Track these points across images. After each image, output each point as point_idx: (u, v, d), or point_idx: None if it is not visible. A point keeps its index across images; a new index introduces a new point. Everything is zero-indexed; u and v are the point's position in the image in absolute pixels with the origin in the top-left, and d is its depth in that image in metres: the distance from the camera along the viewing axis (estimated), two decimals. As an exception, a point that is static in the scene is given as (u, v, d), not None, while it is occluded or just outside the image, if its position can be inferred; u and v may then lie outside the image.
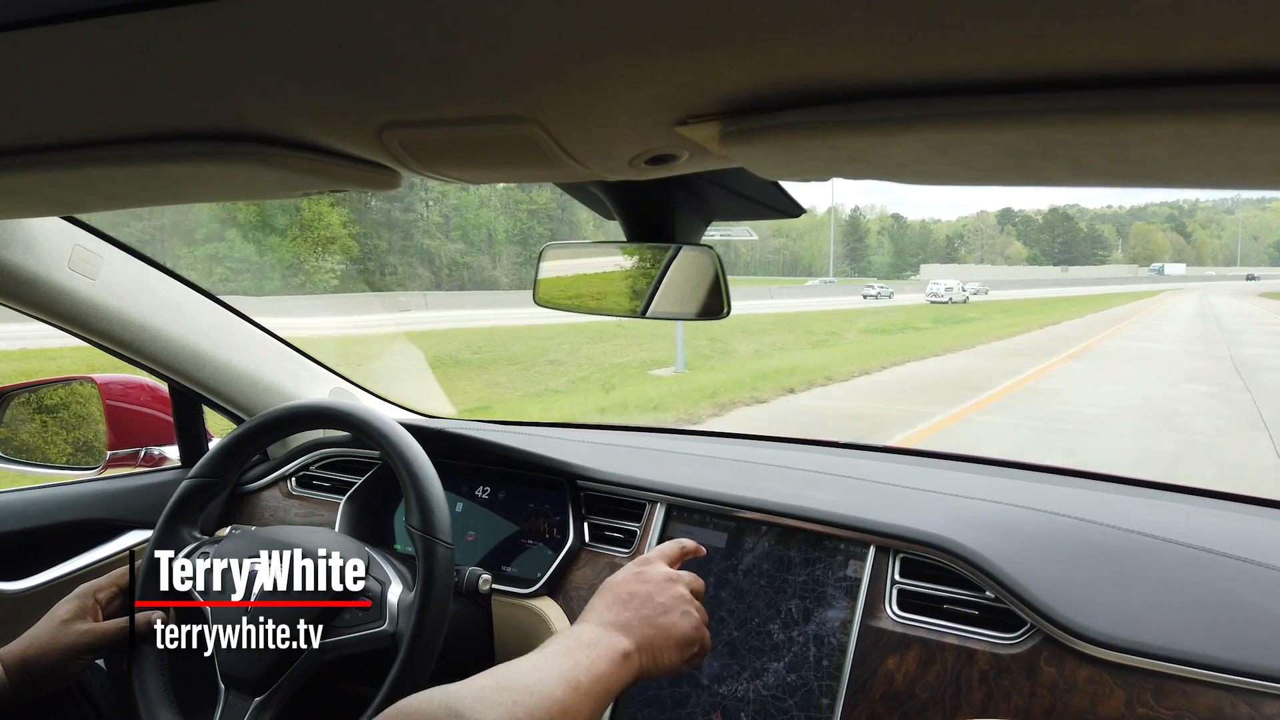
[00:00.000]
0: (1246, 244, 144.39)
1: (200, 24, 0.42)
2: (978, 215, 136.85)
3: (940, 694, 1.04)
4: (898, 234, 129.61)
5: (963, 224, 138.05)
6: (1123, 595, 1.04)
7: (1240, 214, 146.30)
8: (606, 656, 0.83)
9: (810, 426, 8.81)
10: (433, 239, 50.59)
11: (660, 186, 0.96)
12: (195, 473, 1.24)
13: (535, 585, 1.34)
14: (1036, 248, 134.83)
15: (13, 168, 0.67)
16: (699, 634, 0.93)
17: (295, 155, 0.62)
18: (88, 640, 1.09)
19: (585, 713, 0.77)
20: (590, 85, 0.48)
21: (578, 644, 0.83)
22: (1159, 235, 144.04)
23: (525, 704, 0.72)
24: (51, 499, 1.52)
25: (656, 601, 0.92)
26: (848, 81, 0.45)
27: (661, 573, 0.96)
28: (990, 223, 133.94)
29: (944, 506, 1.24)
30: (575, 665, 0.80)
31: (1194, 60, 0.37)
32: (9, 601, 1.40)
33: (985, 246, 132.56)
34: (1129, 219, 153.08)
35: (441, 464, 1.18)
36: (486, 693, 0.72)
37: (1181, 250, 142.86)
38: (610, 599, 0.92)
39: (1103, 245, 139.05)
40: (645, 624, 0.90)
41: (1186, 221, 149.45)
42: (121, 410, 1.60)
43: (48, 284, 1.25)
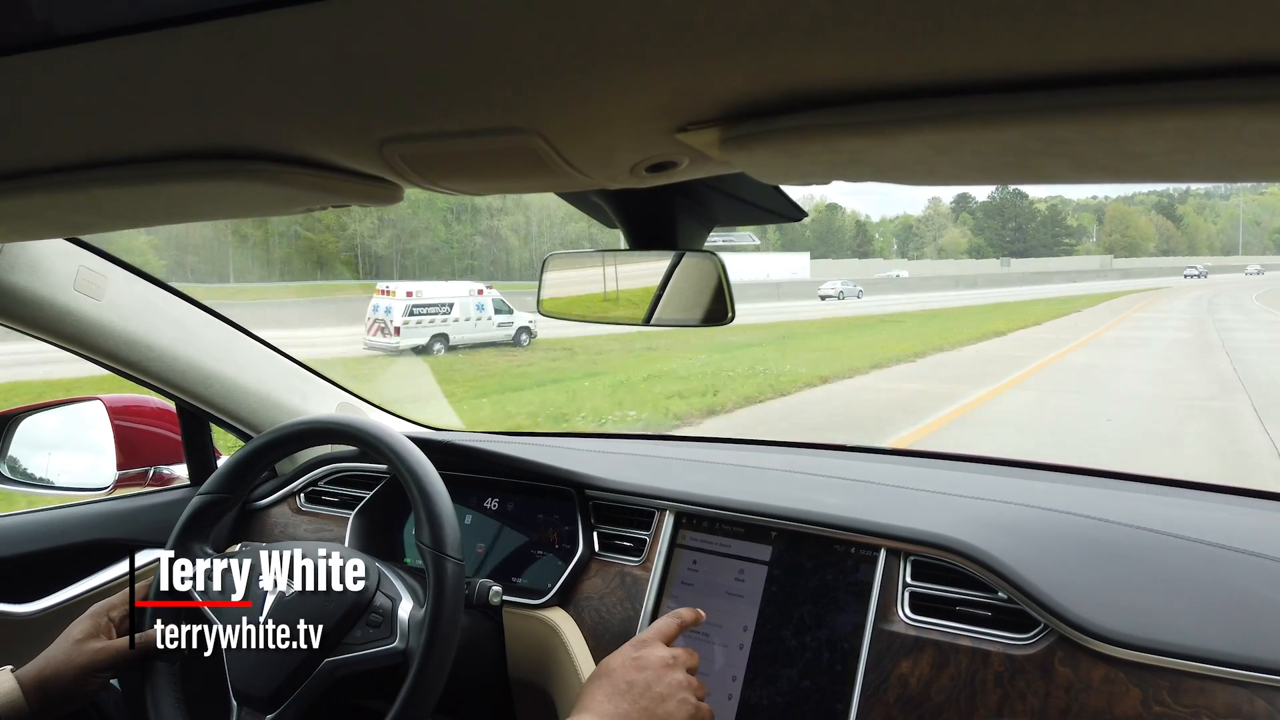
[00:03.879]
0: (1248, 229, 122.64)
1: (200, 44, 0.43)
2: (929, 203, 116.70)
3: (955, 696, 1.04)
4: (827, 225, 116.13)
5: (907, 218, 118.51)
6: (1137, 593, 1.03)
7: (1237, 199, 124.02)
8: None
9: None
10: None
11: (661, 194, 0.96)
12: (205, 489, 1.24)
13: (546, 596, 1.34)
14: (982, 236, 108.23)
15: (17, 190, 0.68)
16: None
17: (297, 172, 0.62)
18: (102, 659, 1.10)
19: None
20: (589, 95, 0.48)
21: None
22: (1141, 219, 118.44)
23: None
24: (61, 520, 1.53)
25: (654, 691, 0.94)
26: (846, 84, 0.45)
27: (659, 657, 0.98)
28: (944, 211, 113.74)
29: (954, 508, 1.24)
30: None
31: (1194, 55, 0.37)
32: (22, 624, 1.40)
33: (934, 238, 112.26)
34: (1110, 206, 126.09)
35: (449, 476, 1.18)
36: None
37: (1170, 237, 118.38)
38: (609, 688, 0.94)
39: (1069, 233, 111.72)
40: (643, 715, 0.92)
41: (1177, 206, 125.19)
42: (129, 430, 1.60)
43: (54, 306, 1.26)
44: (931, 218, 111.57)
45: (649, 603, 1.26)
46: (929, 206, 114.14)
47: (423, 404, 10.77)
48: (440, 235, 52.70)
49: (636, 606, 1.27)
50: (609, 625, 1.29)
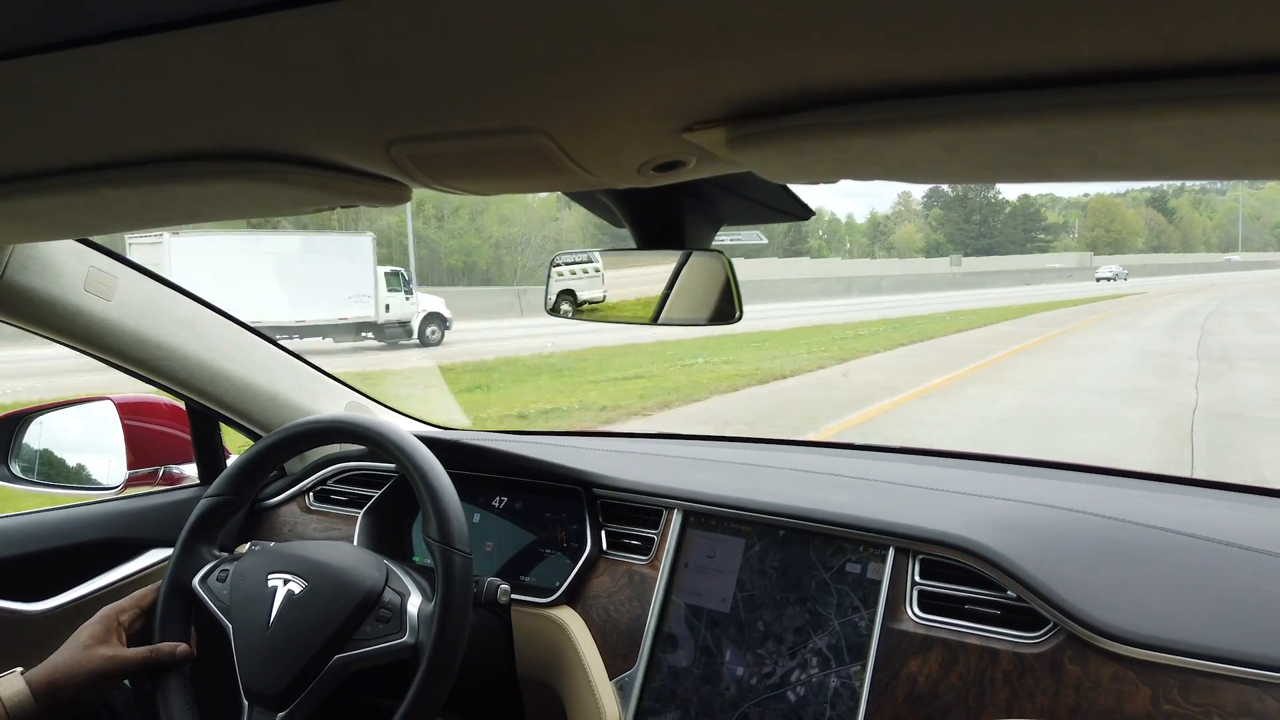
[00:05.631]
0: (1248, 224, 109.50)
1: (209, 46, 0.43)
2: (900, 198, 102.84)
3: (964, 695, 1.03)
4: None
5: (875, 216, 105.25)
6: (1146, 591, 1.03)
7: (1234, 193, 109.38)
8: None
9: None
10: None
11: (668, 193, 0.96)
12: (213, 491, 1.25)
13: (554, 594, 1.34)
14: (941, 231, 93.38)
15: (28, 191, 0.68)
16: None
17: (305, 172, 0.62)
18: (112, 666, 1.10)
19: None
20: (597, 94, 0.48)
21: None
22: (1128, 213, 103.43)
23: None
24: (72, 519, 1.53)
25: None
26: (854, 83, 0.45)
27: None
28: (915, 208, 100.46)
29: (963, 506, 1.24)
30: None
31: (1206, 52, 0.37)
32: (32, 622, 1.41)
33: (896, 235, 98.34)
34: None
35: (457, 475, 1.18)
36: None
37: (1162, 232, 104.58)
38: None
39: (1044, 227, 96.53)
40: None
41: (1170, 199, 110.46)
42: (139, 430, 1.61)
43: (65, 306, 1.27)
44: (902, 214, 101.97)
45: (657, 601, 1.26)
46: (899, 202, 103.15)
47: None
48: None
49: (644, 605, 1.27)
50: (617, 624, 1.29)
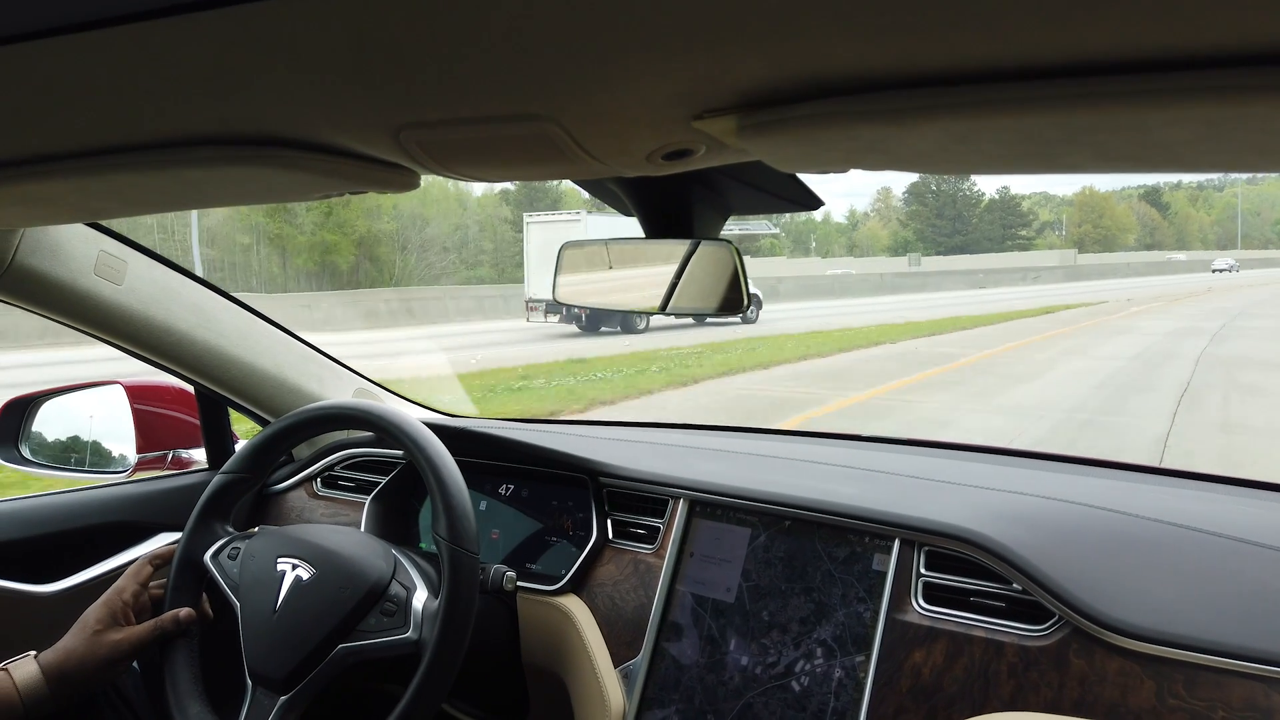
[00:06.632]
0: (1247, 220, 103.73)
1: (219, 29, 0.43)
2: (879, 193, 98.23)
3: (968, 687, 1.03)
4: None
5: (854, 214, 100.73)
6: (1152, 585, 1.03)
7: (1232, 189, 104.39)
8: None
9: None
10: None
11: (678, 181, 0.95)
12: (228, 468, 1.26)
13: (560, 582, 1.34)
14: (910, 228, 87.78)
15: (39, 175, 0.68)
16: None
17: (314, 158, 0.62)
18: (122, 649, 1.11)
19: None
20: (607, 82, 0.48)
21: None
22: (1119, 208, 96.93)
23: None
24: (81, 502, 1.54)
25: None
26: (865, 72, 0.44)
27: None
28: (893, 203, 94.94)
29: (969, 499, 1.23)
30: None
31: (1223, 42, 0.37)
32: (42, 604, 1.42)
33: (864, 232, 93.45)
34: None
35: (465, 463, 1.18)
36: None
37: (1155, 229, 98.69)
38: None
39: (1025, 223, 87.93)
40: None
41: (1165, 194, 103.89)
42: (149, 414, 1.62)
43: (75, 290, 1.27)
44: (882, 211, 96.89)
45: (662, 590, 1.27)
46: (877, 199, 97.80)
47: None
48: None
49: (650, 594, 1.28)
50: (622, 612, 1.29)
